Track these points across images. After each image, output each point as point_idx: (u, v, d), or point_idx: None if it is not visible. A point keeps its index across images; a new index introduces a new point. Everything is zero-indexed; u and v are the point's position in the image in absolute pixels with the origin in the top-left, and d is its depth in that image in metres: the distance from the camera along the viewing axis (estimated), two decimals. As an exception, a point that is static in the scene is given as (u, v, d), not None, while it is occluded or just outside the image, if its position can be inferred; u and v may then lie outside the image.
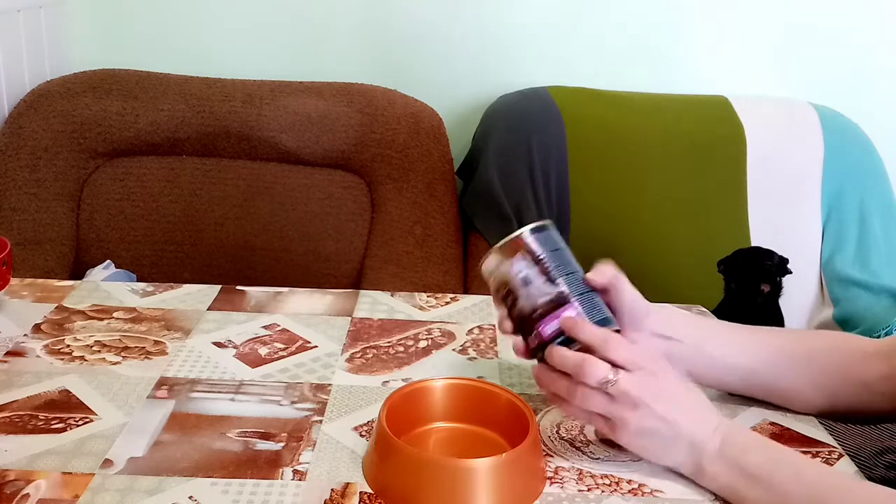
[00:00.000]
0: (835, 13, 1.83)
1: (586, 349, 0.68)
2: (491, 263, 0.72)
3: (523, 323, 0.71)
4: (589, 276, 0.72)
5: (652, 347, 0.73)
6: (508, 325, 0.73)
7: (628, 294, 0.73)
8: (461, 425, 0.73)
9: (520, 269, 0.71)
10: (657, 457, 0.69)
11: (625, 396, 0.65)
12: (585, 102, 1.74)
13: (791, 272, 1.41)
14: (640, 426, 0.66)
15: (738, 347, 0.80)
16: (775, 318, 1.43)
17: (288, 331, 0.93)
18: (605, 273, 0.73)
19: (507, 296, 0.72)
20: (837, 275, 1.66)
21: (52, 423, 0.72)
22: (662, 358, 0.69)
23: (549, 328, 0.69)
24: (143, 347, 0.86)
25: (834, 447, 0.76)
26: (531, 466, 0.67)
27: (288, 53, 1.81)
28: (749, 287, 1.37)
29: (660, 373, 0.67)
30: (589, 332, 0.68)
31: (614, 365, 0.66)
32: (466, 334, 0.94)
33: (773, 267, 1.38)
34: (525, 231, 0.72)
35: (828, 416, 0.81)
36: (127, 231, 1.60)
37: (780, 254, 1.43)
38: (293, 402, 0.78)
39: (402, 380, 0.83)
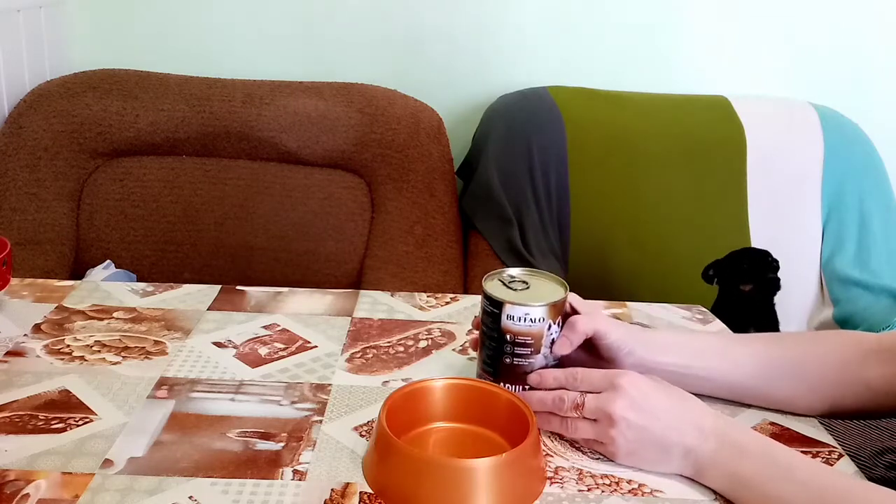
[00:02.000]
0: (834, 13, 1.83)
1: None
2: (536, 313, 0.74)
3: (512, 370, 0.76)
4: (560, 348, 0.76)
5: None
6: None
7: (604, 342, 0.77)
8: (461, 425, 0.73)
9: (553, 331, 0.75)
10: (656, 466, 0.69)
11: (600, 414, 0.69)
12: (585, 102, 1.74)
13: (777, 268, 1.41)
14: (624, 440, 0.68)
15: (728, 364, 0.80)
16: (769, 317, 1.43)
17: (288, 331, 0.93)
18: (575, 339, 0.75)
19: (515, 344, 0.75)
20: (837, 275, 1.66)
21: (52, 423, 0.72)
22: (631, 372, 0.71)
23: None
24: (143, 347, 0.87)
25: (834, 447, 0.76)
26: (531, 466, 0.67)
27: (288, 53, 1.81)
28: (765, 284, 1.37)
29: (628, 386, 0.69)
30: (555, 377, 0.73)
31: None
32: (466, 334, 0.94)
33: (772, 263, 1.38)
34: (568, 293, 0.76)
35: (832, 417, 0.81)
36: (127, 231, 1.60)
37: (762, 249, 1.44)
38: (293, 402, 0.78)
39: (402, 380, 0.83)
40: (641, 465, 0.69)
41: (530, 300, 0.74)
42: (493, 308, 0.74)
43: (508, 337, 0.74)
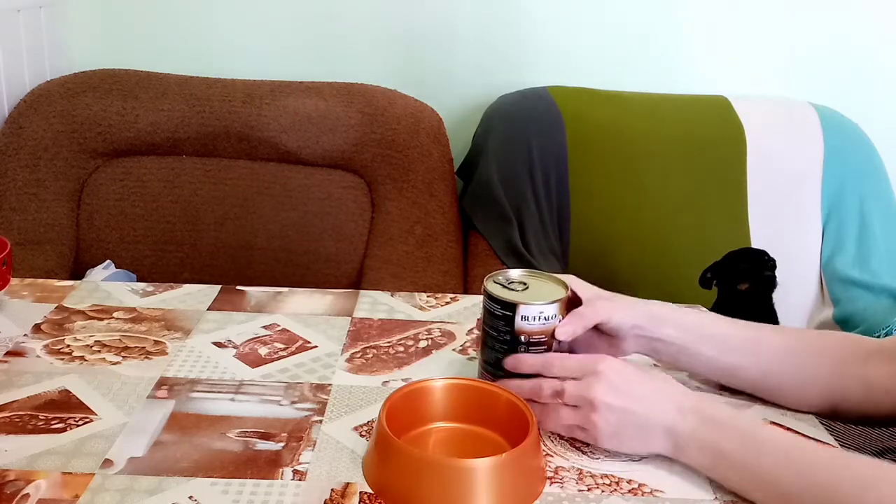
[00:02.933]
0: (835, 13, 1.83)
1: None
2: (549, 311, 0.75)
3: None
4: (561, 334, 0.76)
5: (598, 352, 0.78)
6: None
7: (609, 325, 0.78)
8: (461, 425, 0.73)
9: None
10: (637, 448, 0.71)
11: (581, 401, 0.70)
12: (585, 102, 1.74)
13: (772, 264, 1.41)
14: (606, 424, 0.69)
15: (731, 347, 0.80)
16: (768, 316, 1.43)
17: (288, 331, 0.93)
18: (578, 329, 0.76)
19: (529, 344, 0.75)
20: (837, 275, 1.65)
21: (52, 423, 0.72)
22: (607, 357, 0.72)
23: None
24: (143, 347, 0.87)
25: (834, 447, 0.76)
26: (531, 466, 0.67)
27: (288, 53, 1.81)
28: (762, 282, 1.37)
29: (606, 371, 0.70)
30: (529, 362, 0.74)
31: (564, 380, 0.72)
32: (466, 334, 0.94)
33: (769, 262, 1.38)
34: (571, 279, 0.78)
35: (830, 416, 0.81)
36: (127, 231, 1.60)
37: (759, 248, 1.43)
38: (293, 402, 0.78)
39: (402, 380, 0.83)
40: (623, 449, 0.71)
41: (542, 299, 0.74)
42: (504, 311, 0.74)
43: (523, 338, 0.74)
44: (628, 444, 0.70)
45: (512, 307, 0.74)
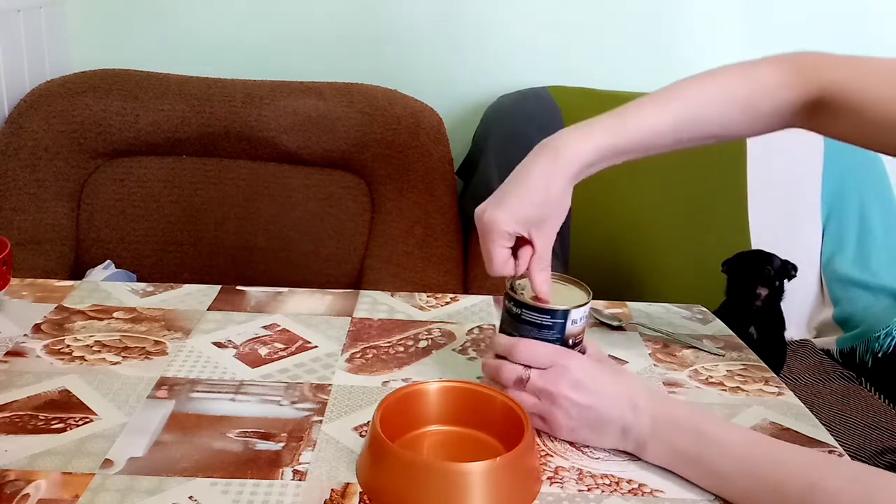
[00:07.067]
0: (834, 13, 1.83)
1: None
2: (587, 310, 0.75)
3: None
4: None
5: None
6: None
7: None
8: (456, 428, 0.73)
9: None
10: (597, 443, 0.72)
11: (544, 392, 0.71)
12: (585, 102, 1.74)
13: (794, 276, 1.41)
14: (566, 417, 0.70)
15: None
16: (776, 321, 1.43)
17: (288, 331, 0.93)
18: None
19: (574, 345, 0.75)
20: (837, 275, 1.65)
21: (52, 423, 0.72)
22: (575, 353, 0.73)
23: None
24: (143, 347, 0.87)
25: (834, 447, 0.76)
26: (526, 470, 0.67)
27: (288, 53, 1.81)
28: (747, 290, 1.37)
29: (572, 365, 0.71)
30: (500, 344, 0.74)
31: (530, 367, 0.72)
32: (466, 334, 0.95)
33: (771, 271, 1.37)
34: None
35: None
36: (127, 231, 1.60)
37: (783, 258, 1.42)
38: (293, 402, 0.78)
39: (402, 380, 0.83)
40: (580, 442, 0.72)
41: (578, 299, 0.75)
42: (555, 320, 0.73)
43: (571, 341, 0.74)
44: (585, 438, 0.72)
45: (564, 314, 0.73)
